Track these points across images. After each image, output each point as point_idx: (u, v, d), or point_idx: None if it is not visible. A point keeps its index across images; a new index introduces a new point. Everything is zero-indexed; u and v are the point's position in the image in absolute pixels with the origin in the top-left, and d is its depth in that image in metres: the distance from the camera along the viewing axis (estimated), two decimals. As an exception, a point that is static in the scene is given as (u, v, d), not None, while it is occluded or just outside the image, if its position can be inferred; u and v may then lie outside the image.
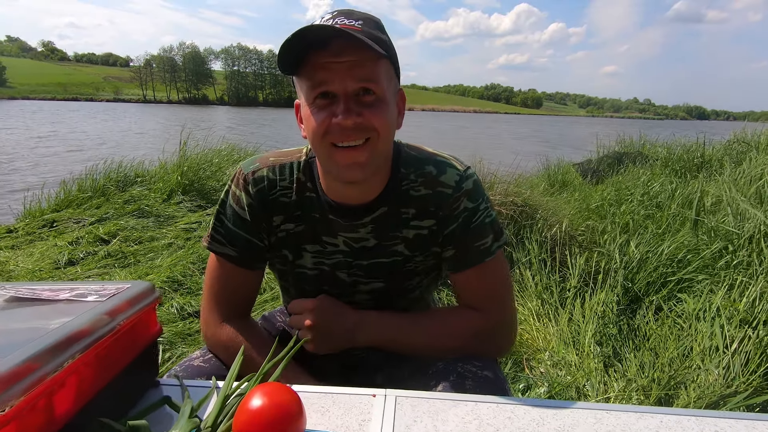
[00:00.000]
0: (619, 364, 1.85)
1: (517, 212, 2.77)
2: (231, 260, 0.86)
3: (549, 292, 2.44)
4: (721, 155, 5.21)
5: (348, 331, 0.82)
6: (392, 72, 0.77)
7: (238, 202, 0.85)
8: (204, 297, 0.89)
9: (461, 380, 0.74)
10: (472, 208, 0.82)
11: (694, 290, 2.21)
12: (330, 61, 0.70)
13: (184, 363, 0.84)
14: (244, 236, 0.85)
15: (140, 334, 0.61)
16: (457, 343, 0.82)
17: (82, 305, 0.55)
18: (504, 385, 0.76)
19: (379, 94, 0.73)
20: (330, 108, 0.72)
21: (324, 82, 0.71)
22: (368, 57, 0.70)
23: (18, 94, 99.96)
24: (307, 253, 0.88)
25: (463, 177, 0.83)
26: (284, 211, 0.86)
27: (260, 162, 0.87)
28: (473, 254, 0.83)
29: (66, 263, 3.13)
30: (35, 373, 0.42)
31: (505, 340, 0.86)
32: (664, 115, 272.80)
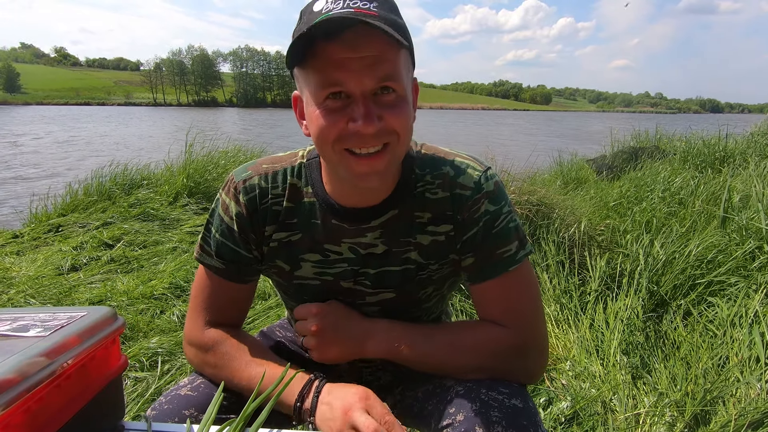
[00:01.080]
0: (648, 375, 1.71)
1: (532, 211, 2.64)
2: (218, 273, 0.79)
3: (568, 296, 2.30)
4: (744, 149, 5.00)
5: (356, 338, 0.75)
6: (410, 63, 0.68)
7: (227, 211, 0.78)
8: (189, 308, 0.82)
9: (486, 410, 0.64)
10: (494, 211, 0.73)
11: (727, 294, 2.06)
12: (346, 56, 0.59)
13: (170, 393, 0.75)
14: (232, 247, 0.78)
15: (95, 373, 0.51)
16: (475, 360, 0.72)
17: (18, 342, 0.45)
18: (535, 418, 0.66)
19: (399, 92, 0.63)
20: (344, 111, 0.62)
21: (338, 82, 0.61)
22: (390, 50, 0.61)
23: (32, 100, 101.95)
24: (306, 262, 0.79)
25: (483, 178, 0.74)
26: (276, 220, 0.78)
27: (252, 170, 0.79)
28: (496, 262, 0.73)
29: (69, 269, 3.08)
30: None
31: (535, 364, 0.75)
32: (676, 108, 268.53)
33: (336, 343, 0.75)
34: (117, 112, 52.27)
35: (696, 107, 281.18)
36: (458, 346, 0.73)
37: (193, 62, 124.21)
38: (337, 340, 0.75)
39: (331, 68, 0.60)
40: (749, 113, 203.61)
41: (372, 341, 0.75)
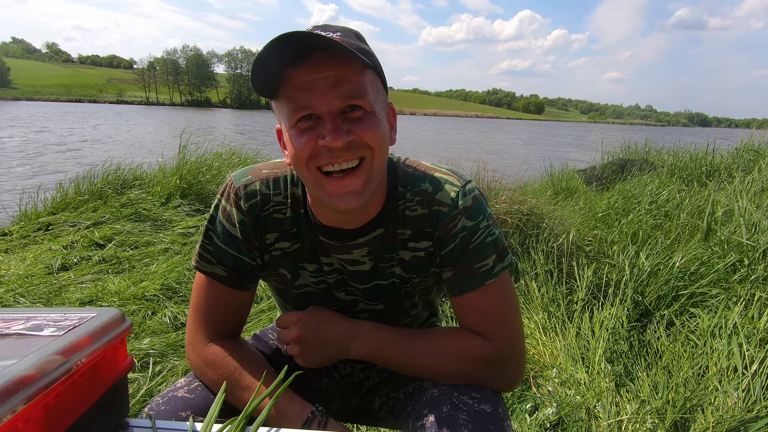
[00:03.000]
0: (631, 383, 1.76)
1: (522, 221, 2.69)
2: (220, 280, 0.79)
3: (555, 305, 2.35)
4: (729, 163, 5.13)
5: (339, 341, 0.77)
6: (379, 84, 0.70)
7: (229, 218, 0.78)
8: (190, 317, 0.82)
9: (455, 412, 0.67)
10: (471, 226, 0.75)
11: (708, 305, 2.12)
12: (311, 78, 0.62)
13: (167, 393, 0.77)
14: (235, 255, 0.78)
15: (105, 372, 0.53)
16: (454, 367, 0.74)
17: (34, 341, 0.47)
18: (503, 423, 0.68)
19: (367, 108, 0.66)
20: (315, 130, 0.65)
21: (306, 105, 0.64)
22: (352, 70, 0.64)
23: (22, 95, 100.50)
24: (305, 271, 0.82)
25: (460, 194, 0.76)
26: (279, 229, 0.79)
27: (252, 174, 0.79)
28: (473, 276, 0.75)
29: (59, 268, 3.06)
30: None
31: (511, 374, 0.78)
32: (665, 121, 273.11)
33: (319, 347, 0.77)
34: (108, 111, 51.70)
35: (685, 120, 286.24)
36: (439, 352, 0.75)
37: (187, 62, 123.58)
38: (320, 344, 0.77)
39: (299, 93, 0.63)
40: (736, 128, 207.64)
41: (355, 342, 0.76)
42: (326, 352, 0.77)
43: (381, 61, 0.72)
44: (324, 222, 0.77)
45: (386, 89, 0.74)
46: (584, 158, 8.53)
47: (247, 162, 6.10)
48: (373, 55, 0.68)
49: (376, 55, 0.72)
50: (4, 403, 0.38)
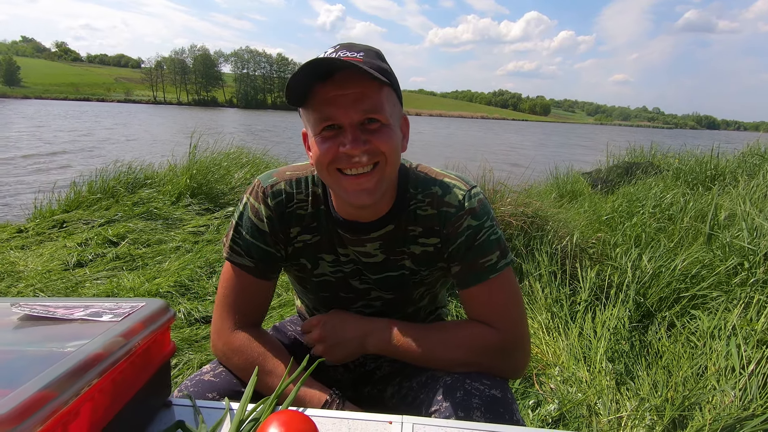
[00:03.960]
0: (632, 382, 1.81)
1: (527, 223, 2.75)
2: (248, 271, 0.87)
3: (559, 306, 2.41)
4: (734, 167, 5.14)
5: (356, 339, 0.84)
6: (395, 98, 0.79)
7: (257, 214, 0.86)
8: (217, 306, 0.90)
9: (468, 397, 0.73)
10: (476, 225, 0.83)
11: (709, 307, 2.17)
12: (335, 94, 0.71)
13: (194, 377, 0.84)
14: (262, 247, 0.87)
15: (154, 355, 0.60)
16: (464, 356, 0.81)
17: (97, 326, 0.54)
18: (511, 406, 0.75)
19: (383, 121, 0.74)
20: (336, 138, 0.74)
21: (330, 117, 0.73)
22: (372, 87, 0.72)
23: (32, 94, 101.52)
24: (324, 261, 0.90)
25: (466, 197, 0.84)
26: (300, 223, 0.88)
27: (277, 176, 0.89)
28: (479, 271, 0.83)
29: (75, 265, 3.15)
30: (52, 402, 0.41)
31: (518, 361, 0.85)
32: (673, 124, 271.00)
33: (339, 346, 0.85)
34: (118, 110, 52.11)
35: (692, 123, 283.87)
36: (449, 342, 0.82)
37: (194, 62, 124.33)
38: (339, 343, 0.85)
39: (325, 106, 0.73)
40: (745, 131, 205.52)
41: (371, 339, 0.84)
42: (346, 350, 0.85)
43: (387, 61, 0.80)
44: (342, 215, 0.85)
45: (401, 102, 0.82)
46: (591, 160, 8.56)
47: (255, 162, 6.19)
48: (390, 73, 0.76)
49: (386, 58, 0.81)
50: (84, 376, 0.45)
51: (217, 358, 0.89)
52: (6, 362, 0.46)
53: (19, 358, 0.47)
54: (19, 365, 0.45)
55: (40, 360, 0.45)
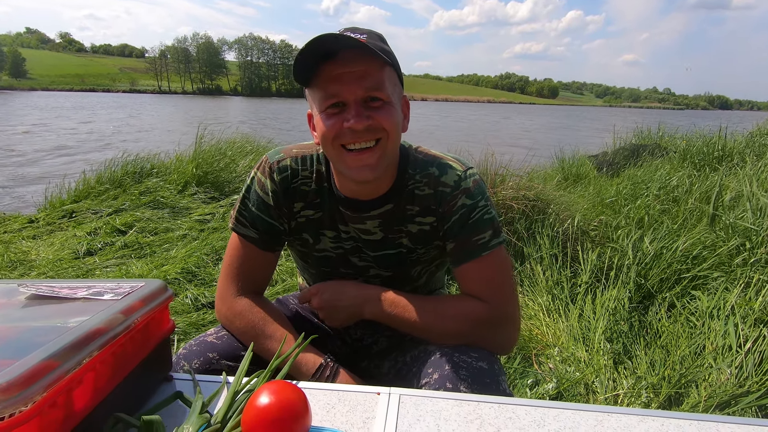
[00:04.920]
0: (629, 361, 1.84)
1: (528, 207, 2.75)
2: (252, 241, 0.91)
3: (560, 288, 2.43)
4: (742, 148, 5.07)
5: (354, 305, 0.89)
6: (396, 79, 0.82)
7: (263, 188, 0.90)
8: (222, 273, 0.94)
9: (456, 370, 0.76)
10: (470, 204, 0.86)
11: (709, 288, 2.17)
12: (340, 71, 0.74)
13: (198, 338, 0.89)
14: (267, 220, 0.91)
15: (154, 331, 0.64)
16: (456, 327, 0.84)
17: (99, 304, 0.58)
18: (498, 377, 0.78)
19: (385, 99, 0.78)
20: (341, 115, 0.77)
21: (335, 94, 0.76)
22: (374, 66, 0.76)
23: (38, 86, 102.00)
24: (325, 237, 0.93)
25: (462, 177, 0.87)
26: (304, 199, 0.91)
27: (284, 153, 0.92)
28: (472, 248, 0.86)
29: (85, 253, 3.22)
30: (55, 371, 0.44)
31: (507, 336, 0.88)
32: (684, 104, 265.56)
33: (338, 311, 0.89)
34: (124, 101, 52.21)
35: (704, 103, 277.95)
36: (441, 313, 0.85)
37: (198, 50, 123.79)
38: (337, 308, 0.89)
39: (330, 83, 0.76)
40: (758, 110, 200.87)
41: (368, 306, 0.88)
42: (344, 315, 0.89)
43: (392, 45, 0.84)
44: (344, 193, 0.88)
45: (402, 84, 0.85)
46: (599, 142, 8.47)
47: (259, 150, 6.21)
48: (392, 55, 0.80)
49: (390, 41, 0.84)
50: (85, 348, 0.49)
51: (220, 322, 0.93)
52: (14, 336, 0.49)
53: (25, 333, 0.50)
54: (25, 339, 0.48)
55: (45, 334, 0.49)
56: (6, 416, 0.39)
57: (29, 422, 0.41)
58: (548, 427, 0.58)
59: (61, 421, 0.45)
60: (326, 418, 0.60)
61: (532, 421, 0.59)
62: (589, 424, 0.58)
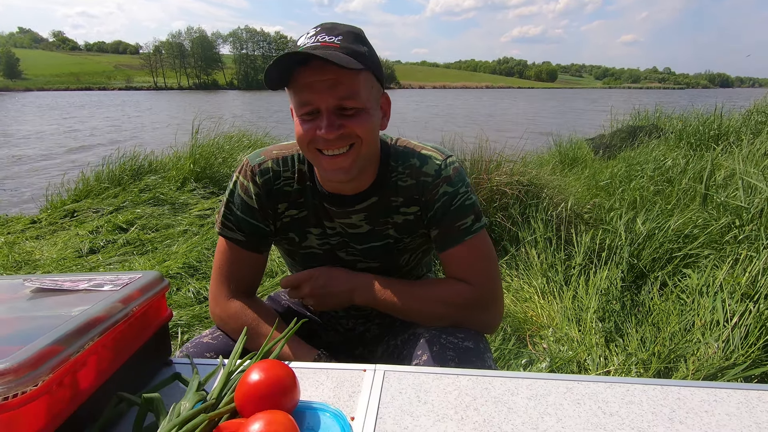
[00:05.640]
0: (621, 339, 1.89)
1: (522, 191, 2.78)
2: (239, 244, 0.94)
3: (554, 270, 2.47)
4: (738, 126, 5.07)
5: (344, 292, 0.91)
6: (373, 80, 0.82)
7: (246, 191, 0.93)
8: (213, 276, 0.97)
9: (443, 350, 0.81)
10: (451, 192, 0.89)
11: (700, 266, 2.22)
12: (312, 80, 0.76)
13: (195, 340, 0.93)
14: (252, 222, 0.93)
15: (152, 318, 0.68)
16: (444, 309, 0.88)
17: (99, 294, 0.62)
18: (483, 355, 0.82)
19: (358, 106, 0.79)
20: (315, 121, 0.79)
21: (308, 102, 0.78)
22: (347, 74, 0.76)
23: (33, 86, 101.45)
24: (311, 235, 0.96)
25: (442, 166, 0.90)
26: (288, 199, 0.94)
27: (265, 155, 0.94)
28: (456, 233, 0.89)
29: (88, 252, 3.27)
30: (61, 354, 0.48)
31: (492, 316, 0.91)
32: (684, 84, 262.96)
33: (329, 297, 0.92)
34: (121, 99, 51.98)
35: (705, 82, 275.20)
36: (429, 296, 0.89)
37: (192, 44, 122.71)
38: (329, 294, 0.92)
39: (303, 91, 0.77)
40: (760, 87, 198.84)
41: (358, 293, 0.91)
42: (335, 301, 0.92)
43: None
44: (328, 189, 0.91)
45: (381, 82, 0.86)
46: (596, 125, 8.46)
47: (256, 143, 6.23)
48: (367, 56, 0.80)
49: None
50: (86, 334, 0.53)
51: (215, 323, 0.97)
52: (21, 326, 0.54)
53: (31, 322, 0.55)
54: (31, 327, 0.53)
55: (50, 322, 0.53)
56: (18, 394, 0.44)
57: (38, 399, 0.45)
58: (521, 395, 0.62)
59: (67, 400, 0.50)
60: (315, 394, 0.64)
61: (506, 390, 0.63)
62: (559, 392, 0.63)
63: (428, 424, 0.58)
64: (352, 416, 0.59)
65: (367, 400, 0.62)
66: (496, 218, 2.85)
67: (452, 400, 0.62)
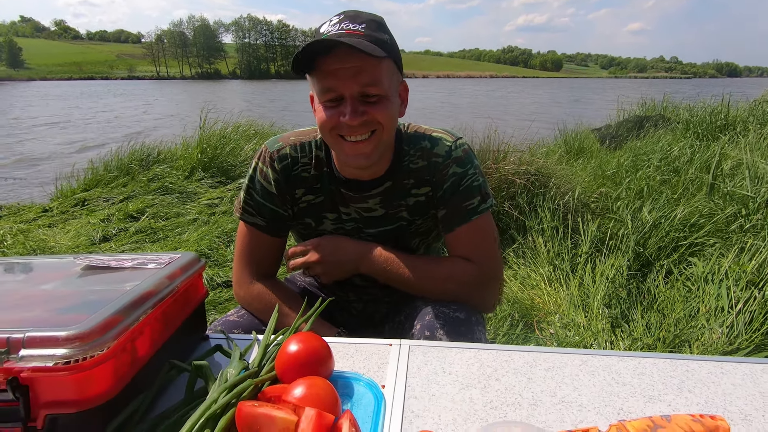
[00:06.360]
0: (626, 324, 1.93)
1: (530, 181, 2.81)
2: (260, 229, 0.98)
3: (561, 259, 2.51)
4: (746, 116, 5.05)
5: (351, 261, 0.94)
6: (394, 68, 0.85)
7: (266, 177, 0.96)
8: (236, 260, 1.02)
9: (435, 320, 0.85)
10: (461, 172, 0.93)
11: (705, 254, 2.25)
12: (337, 67, 0.78)
13: (222, 319, 0.98)
14: (272, 207, 0.97)
15: (192, 295, 0.72)
16: (448, 286, 0.91)
17: (145, 272, 0.66)
18: (474, 327, 0.86)
19: (381, 93, 0.82)
20: (338, 108, 0.82)
21: (332, 89, 0.80)
22: (370, 61, 0.79)
23: (36, 75, 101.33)
24: (327, 220, 1.00)
25: (452, 147, 0.94)
26: (305, 185, 0.97)
27: (283, 141, 0.98)
28: (462, 213, 0.92)
29: (100, 239, 3.33)
30: (121, 323, 0.53)
31: (491, 294, 0.95)
32: (691, 73, 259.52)
33: (337, 265, 0.94)
34: (124, 88, 51.85)
35: (712, 71, 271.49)
36: (434, 273, 0.92)
37: (194, 33, 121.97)
38: (336, 262, 0.94)
39: (327, 78, 0.80)
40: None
41: (365, 261, 0.93)
42: (341, 269, 0.95)
43: (391, 22, 0.87)
44: (345, 175, 0.95)
45: (401, 70, 0.89)
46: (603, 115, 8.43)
47: (263, 133, 6.26)
48: (389, 44, 0.83)
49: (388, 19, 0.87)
50: (141, 306, 0.57)
51: (239, 304, 1.02)
52: (79, 298, 0.58)
53: (89, 295, 0.59)
54: (90, 300, 0.57)
55: (105, 296, 0.57)
56: (87, 357, 0.48)
57: (106, 363, 0.50)
58: (539, 367, 0.67)
59: (128, 365, 0.54)
60: (346, 365, 0.69)
61: (525, 363, 0.68)
62: (575, 364, 0.67)
63: (454, 391, 0.62)
64: (383, 384, 0.64)
65: (395, 370, 0.67)
66: (503, 207, 2.88)
67: (475, 371, 0.66)
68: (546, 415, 0.57)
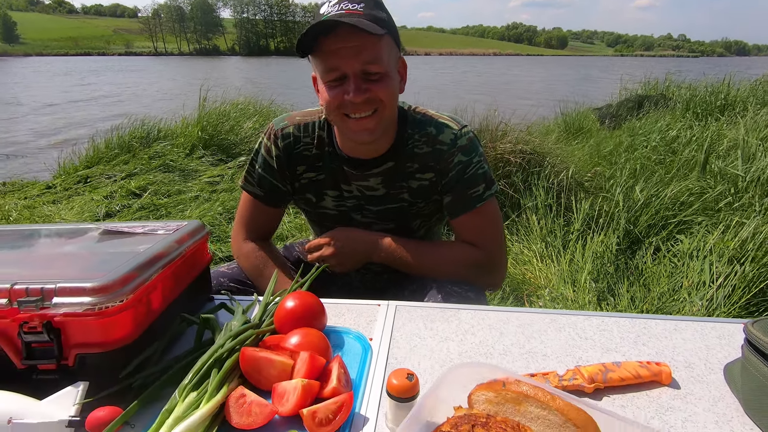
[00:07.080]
0: (612, 298, 2.02)
1: (525, 160, 2.86)
2: (258, 198, 1.06)
3: (553, 236, 2.58)
4: (746, 96, 5.04)
5: (364, 252, 1.00)
6: (392, 43, 0.89)
7: (269, 152, 1.03)
8: (235, 220, 1.11)
9: (448, 296, 0.91)
10: (465, 161, 0.96)
11: (693, 231, 2.32)
12: (339, 46, 0.82)
13: (215, 270, 1.07)
14: (271, 180, 1.04)
15: (198, 259, 0.80)
16: (452, 268, 0.97)
17: (156, 236, 0.73)
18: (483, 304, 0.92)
19: (382, 71, 0.86)
20: (342, 87, 0.86)
21: (335, 68, 0.85)
22: (371, 39, 0.83)
23: (32, 50, 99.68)
24: (328, 197, 1.06)
25: (458, 135, 0.97)
26: (306, 162, 1.03)
27: (288, 120, 1.04)
28: (468, 200, 0.97)
29: (104, 216, 3.40)
30: (137, 279, 0.60)
31: (496, 276, 1.02)
32: (699, 51, 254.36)
33: (351, 257, 1.01)
34: (124, 64, 51.04)
35: (721, 50, 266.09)
36: (441, 256, 0.98)
37: (192, 7, 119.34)
38: (350, 253, 1.00)
39: (330, 57, 0.84)
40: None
41: (377, 251, 1.00)
42: (355, 260, 1.01)
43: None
44: (347, 153, 0.99)
45: (399, 46, 0.93)
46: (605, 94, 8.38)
47: (262, 111, 6.25)
48: (387, 21, 0.86)
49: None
50: (154, 265, 0.64)
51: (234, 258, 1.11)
52: (99, 258, 0.65)
53: (106, 256, 0.66)
54: (108, 259, 0.64)
55: (122, 256, 0.64)
56: (110, 306, 0.55)
57: (125, 312, 0.57)
58: (511, 324, 0.74)
59: (144, 315, 0.62)
60: (338, 322, 0.77)
61: (499, 320, 0.75)
62: (544, 322, 0.75)
63: (433, 344, 0.70)
64: (371, 337, 0.71)
65: (382, 326, 0.74)
66: (498, 185, 2.94)
67: (453, 327, 0.74)
68: (513, 362, 0.65)
